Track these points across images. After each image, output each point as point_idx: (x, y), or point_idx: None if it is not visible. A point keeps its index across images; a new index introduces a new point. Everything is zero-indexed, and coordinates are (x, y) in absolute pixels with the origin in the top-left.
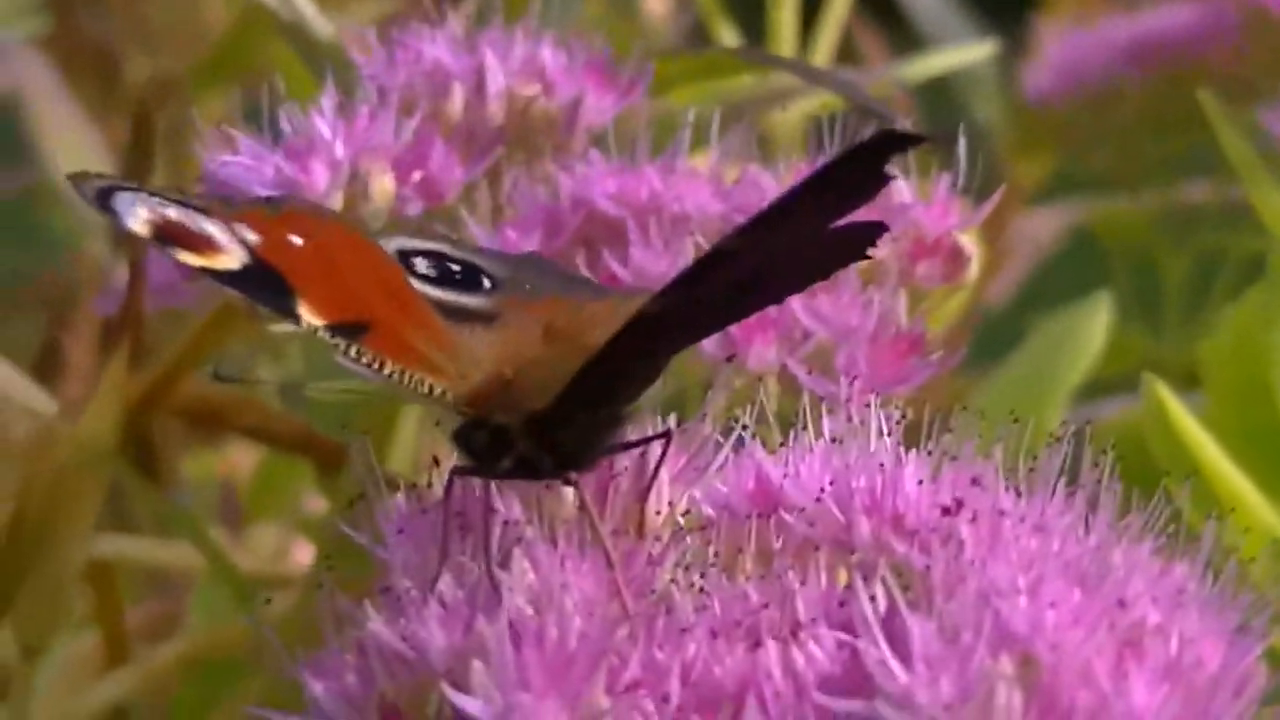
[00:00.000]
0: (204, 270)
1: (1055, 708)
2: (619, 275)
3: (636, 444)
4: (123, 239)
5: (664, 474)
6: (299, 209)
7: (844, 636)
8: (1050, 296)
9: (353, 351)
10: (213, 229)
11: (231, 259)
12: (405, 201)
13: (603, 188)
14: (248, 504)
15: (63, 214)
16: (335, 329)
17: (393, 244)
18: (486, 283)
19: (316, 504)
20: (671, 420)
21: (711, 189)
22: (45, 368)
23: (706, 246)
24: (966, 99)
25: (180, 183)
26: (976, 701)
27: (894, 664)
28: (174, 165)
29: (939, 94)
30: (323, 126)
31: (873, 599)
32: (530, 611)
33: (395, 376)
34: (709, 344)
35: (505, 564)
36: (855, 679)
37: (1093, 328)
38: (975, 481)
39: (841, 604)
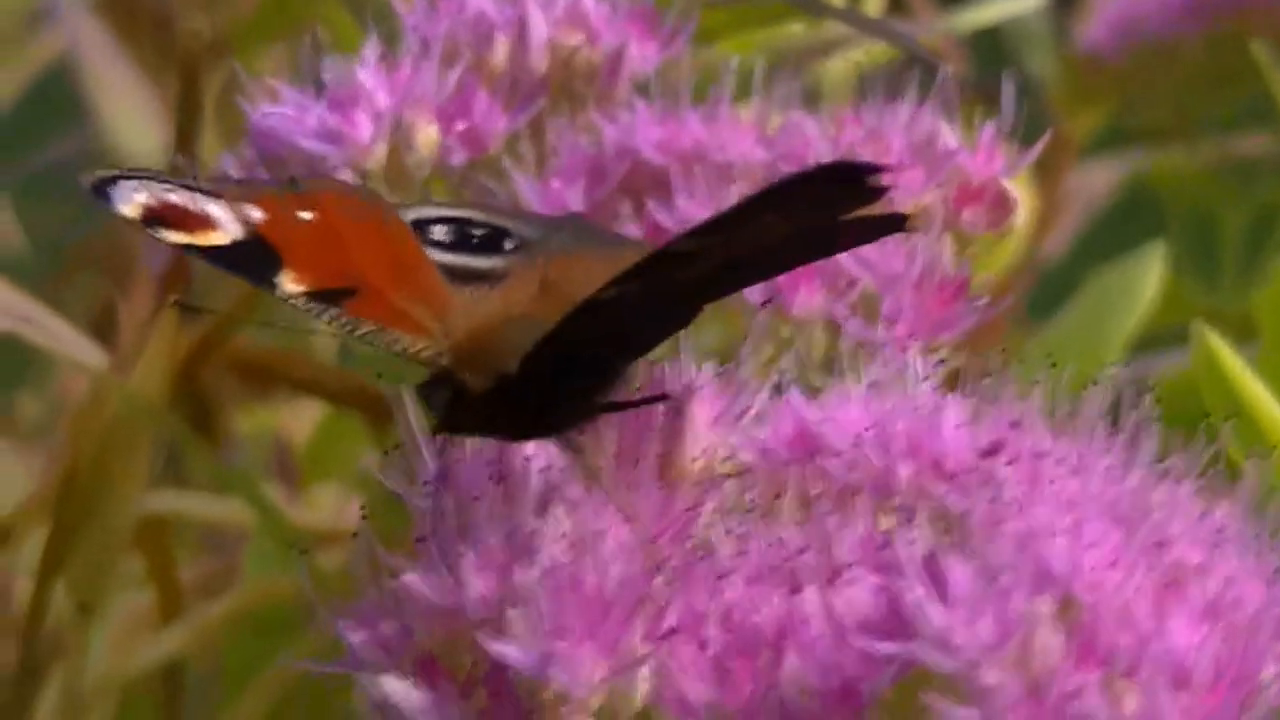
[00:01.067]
0: (188, 247)
1: (1095, 649)
2: (664, 224)
3: (634, 404)
4: None
5: (701, 420)
6: (322, 187)
7: (883, 580)
8: (1105, 250)
9: (326, 315)
10: (214, 209)
11: (223, 236)
12: (449, 152)
13: (646, 136)
14: (304, 461)
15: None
16: (314, 295)
17: (416, 212)
18: (510, 245)
19: (374, 460)
20: (708, 366)
21: (756, 136)
22: (103, 326)
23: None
24: (1018, 51)
25: (232, 140)
26: (1015, 642)
27: (933, 606)
28: (226, 122)
29: (990, 46)
30: (366, 77)
31: (912, 542)
32: (567, 559)
33: (370, 336)
34: (751, 290)
35: (542, 511)
36: (895, 622)
37: (1146, 280)
38: (1014, 424)
39: (880, 548)
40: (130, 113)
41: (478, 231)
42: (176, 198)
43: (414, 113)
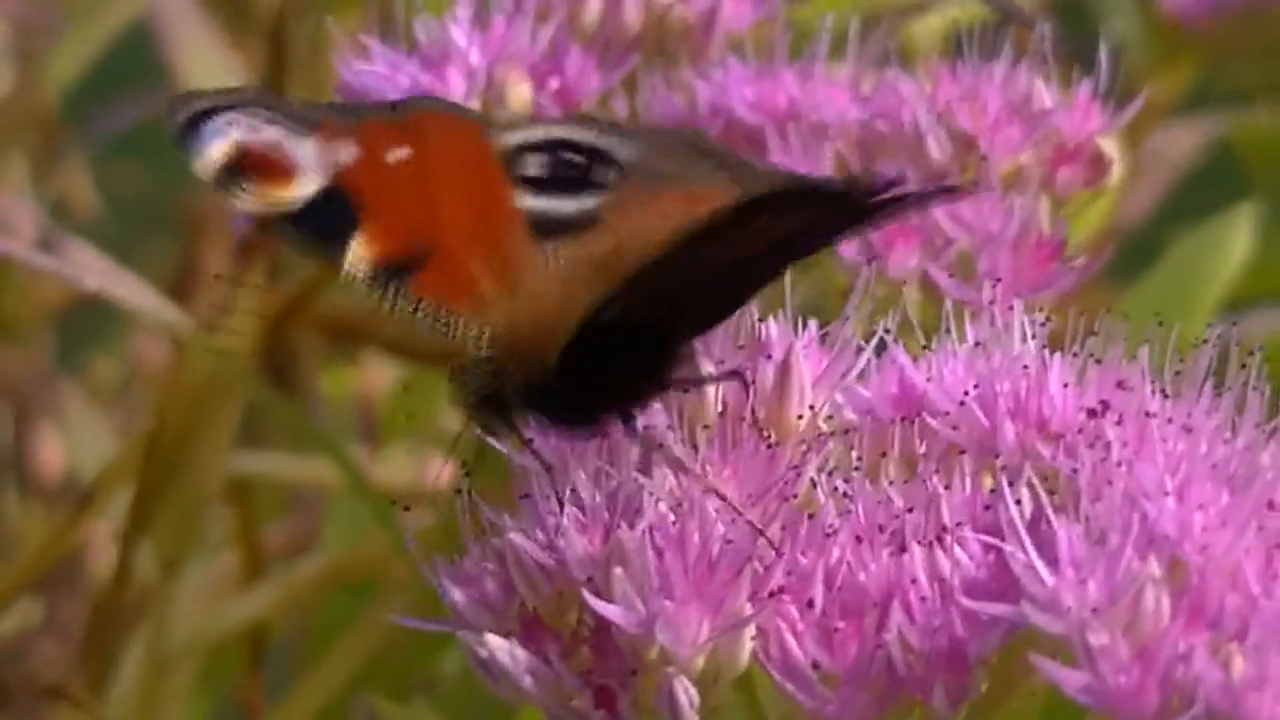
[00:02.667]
0: (262, 220)
1: (1204, 611)
2: None
3: (695, 382)
4: None
5: (806, 378)
6: (429, 111)
7: (990, 540)
8: (1188, 214)
9: (391, 295)
10: (304, 150)
11: (302, 187)
12: (542, 110)
13: (740, 95)
14: (385, 420)
15: None
16: (382, 270)
17: (518, 135)
18: (605, 176)
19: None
20: (813, 324)
21: (849, 95)
22: (182, 288)
23: (846, 153)
24: (1104, 12)
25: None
26: (1124, 604)
27: (1041, 567)
28: (312, 84)
29: (1074, 7)
30: (458, 35)
31: (1018, 503)
32: (672, 518)
33: (430, 318)
34: (849, 249)
35: (645, 470)
36: (1001, 583)
37: (1233, 242)
38: (1121, 384)
39: (987, 508)
40: (209, 73)
41: (575, 159)
42: (272, 133)
43: (507, 70)
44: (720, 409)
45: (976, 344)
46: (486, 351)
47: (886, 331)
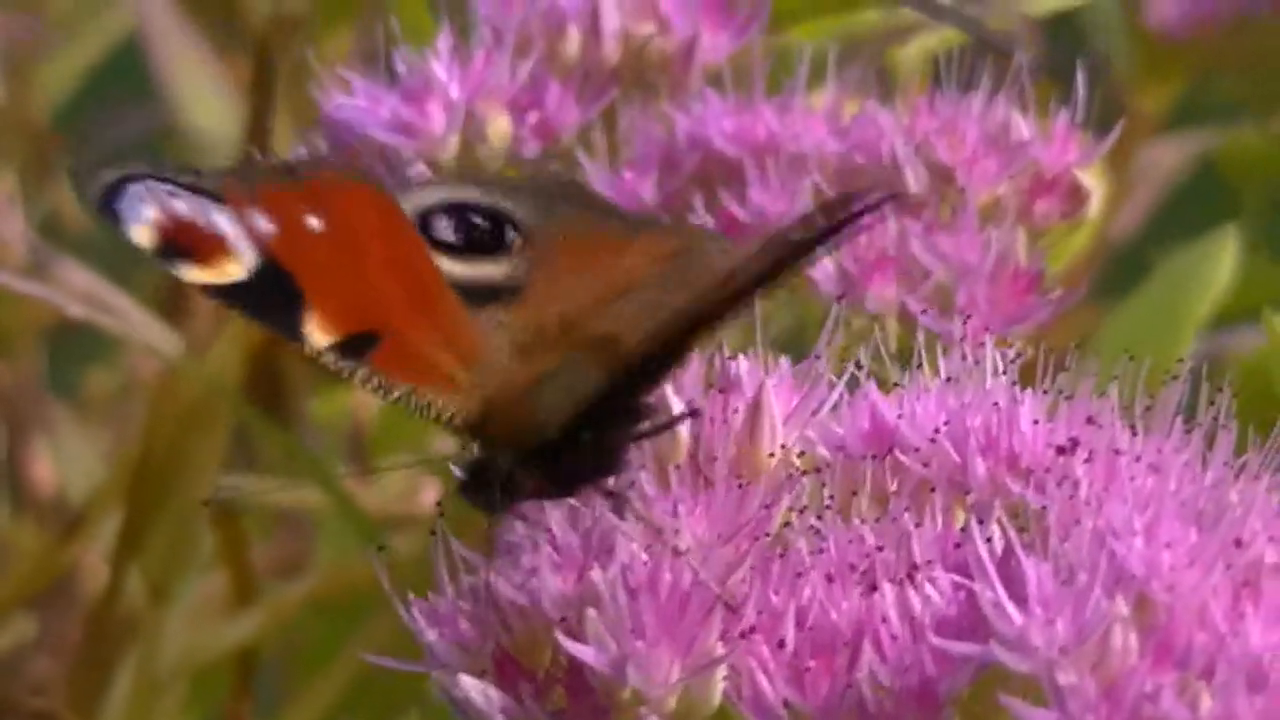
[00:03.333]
0: (210, 289)
1: (1171, 649)
2: (737, 216)
3: (659, 430)
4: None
5: (777, 416)
6: (323, 176)
7: (960, 579)
8: (1177, 229)
9: (359, 376)
10: (224, 223)
11: (240, 263)
12: (521, 143)
13: (719, 127)
14: (375, 444)
15: (191, 153)
16: (343, 347)
17: (417, 199)
18: (514, 235)
19: (446, 443)
20: (784, 361)
21: (829, 127)
22: (177, 302)
23: (824, 186)
24: (1091, 28)
25: (305, 118)
26: (1092, 643)
27: (1009, 606)
28: (298, 103)
29: (1063, 23)
30: (438, 68)
31: (988, 540)
32: (644, 557)
33: (403, 400)
34: (825, 281)
35: (619, 509)
36: (972, 621)
37: (1219, 262)
38: (1091, 420)
39: (957, 545)
40: (200, 90)
41: (480, 221)
42: (183, 207)
43: (486, 104)
44: (691, 447)
45: (948, 379)
46: (465, 432)
47: (858, 367)
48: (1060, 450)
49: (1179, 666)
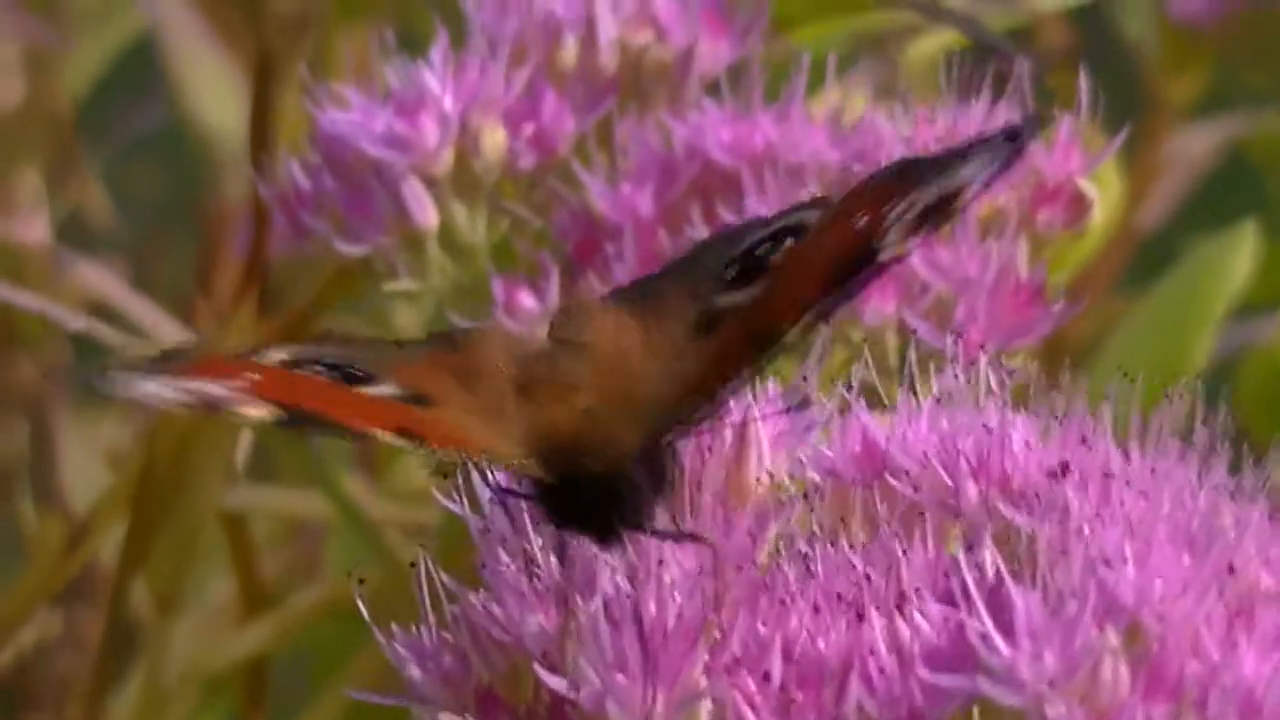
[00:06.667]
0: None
1: (1163, 680)
2: None
3: None
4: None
5: (764, 441)
6: (197, 358)
7: (949, 610)
8: (1205, 218)
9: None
10: (211, 389)
11: (258, 409)
12: (517, 155)
13: (717, 137)
14: (385, 452)
15: (204, 148)
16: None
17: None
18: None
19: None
20: (771, 383)
21: (828, 135)
22: (205, 286)
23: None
24: (1117, 16)
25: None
26: (1082, 675)
27: (997, 638)
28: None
29: (1089, 11)
30: (431, 80)
31: (978, 567)
32: (627, 589)
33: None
34: None
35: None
36: (962, 652)
37: (1237, 259)
38: (1084, 441)
39: (947, 574)
40: (212, 86)
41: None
42: (171, 386)
43: (481, 115)
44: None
45: (942, 398)
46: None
47: (848, 388)
48: (1052, 474)
49: (1171, 698)
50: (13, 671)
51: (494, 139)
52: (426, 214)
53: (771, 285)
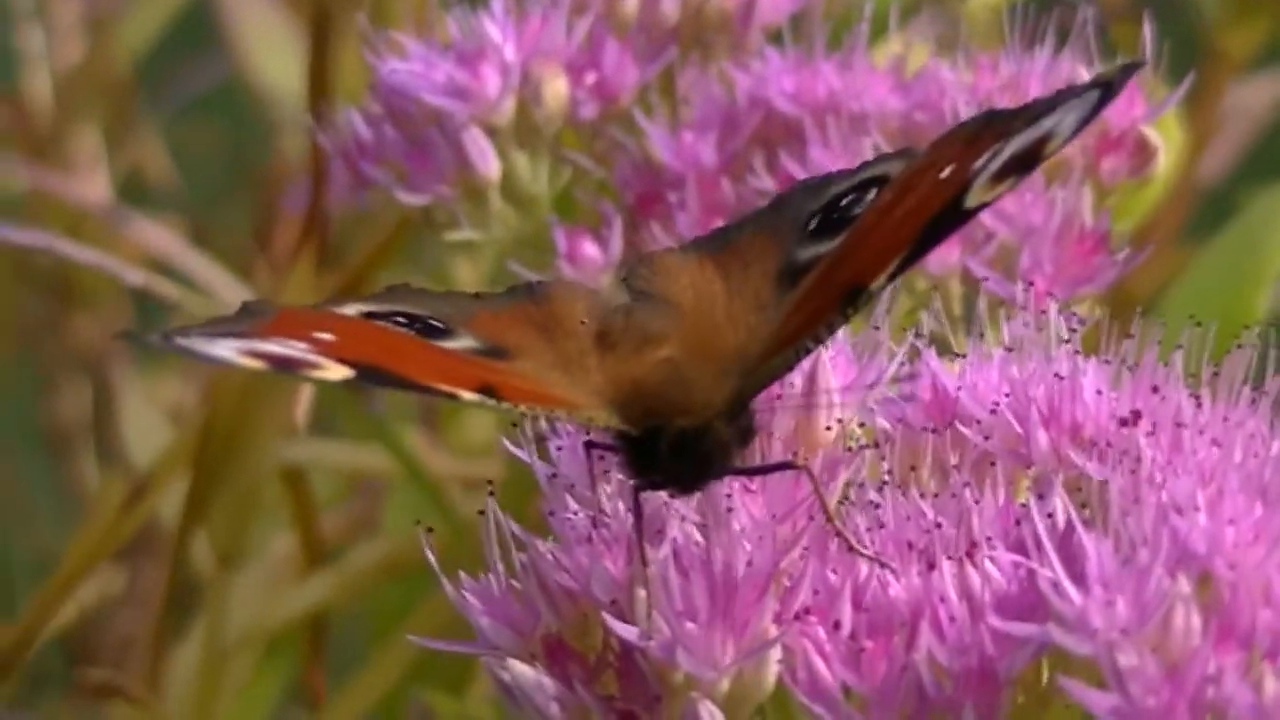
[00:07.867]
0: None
1: (1235, 628)
2: (797, 176)
3: None
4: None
5: (834, 389)
6: (278, 315)
7: (1020, 558)
8: (1267, 168)
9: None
10: (282, 350)
11: (326, 370)
12: (578, 105)
13: (779, 86)
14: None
15: (262, 105)
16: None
17: (353, 309)
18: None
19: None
20: (841, 331)
21: (891, 84)
22: (264, 242)
23: (885, 146)
24: None
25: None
26: (1154, 624)
27: (1069, 586)
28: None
29: None
30: (492, 29)
31: (1048, 516)
32: (696, 537)
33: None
34: None
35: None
36: (1033, 600)
37: None
38: (1155, 390)
39: (1017, 522)
40: (269, 43)
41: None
42: (241, 348)
43: (542, 65)
44: None
45: (1012, 346)
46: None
47: (918, 336)
48: (1123, 422)
49: (1242, 647)
50: (75, 627)
51: (555, 88)
52: (489, 163)
53: (857, 235)
